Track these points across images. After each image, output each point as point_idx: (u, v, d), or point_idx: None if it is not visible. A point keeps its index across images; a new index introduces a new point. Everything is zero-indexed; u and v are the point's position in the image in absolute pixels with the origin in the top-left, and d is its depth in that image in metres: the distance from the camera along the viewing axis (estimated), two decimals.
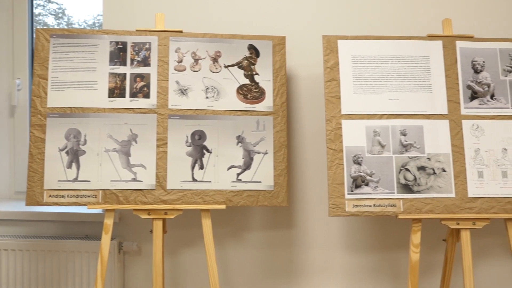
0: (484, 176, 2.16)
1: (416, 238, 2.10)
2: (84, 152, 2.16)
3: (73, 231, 2.56)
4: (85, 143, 2.17)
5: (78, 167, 2.15)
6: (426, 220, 2.21)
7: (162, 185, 2.16)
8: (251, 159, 2.22)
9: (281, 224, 2.52)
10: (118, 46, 2.24)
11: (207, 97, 2.25)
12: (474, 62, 2.26)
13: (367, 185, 2.12)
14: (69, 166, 2.15)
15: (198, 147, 2.21)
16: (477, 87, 2.24)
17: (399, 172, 2.14)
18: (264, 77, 2.29)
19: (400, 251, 2.53)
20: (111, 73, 2.23)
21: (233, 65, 2.29)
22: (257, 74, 2.29)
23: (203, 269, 2.52)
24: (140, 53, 2.25)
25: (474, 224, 2.12)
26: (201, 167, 2.19)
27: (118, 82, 2.22)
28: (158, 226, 2.14)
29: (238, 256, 2.52)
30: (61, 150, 2.16)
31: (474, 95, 2.23)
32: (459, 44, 2.27)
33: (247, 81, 2.28)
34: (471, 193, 2.14)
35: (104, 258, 2.09)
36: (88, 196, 2.14)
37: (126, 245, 2.51)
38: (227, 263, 2.52)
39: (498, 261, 2.55)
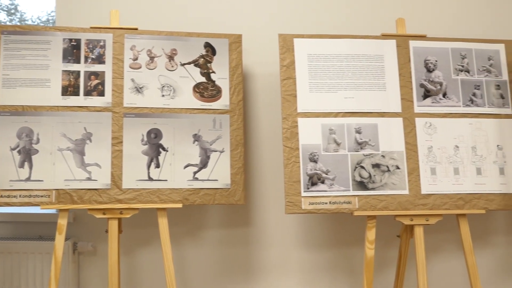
0: (437, 173, 2.24)
1: (371, 234, 2.16)
2: (36, 151, 2.16)
3: (26, 232, 2.54)
4: (37, 142, 2.16)
5: (30, 167, 2.15)
6: (380, 216, 2.28)
7: (117, 184, 2.17)
8: (208, 157, 2.25)
9: (238, 222, 2.56)
10: (72, 43, 2.25)
11: (163, 95, 2.27)
12: (427, 61, 2.34)
13: (323, 182, 2.17)
14: (21, 166, 2.14)
15: (154, 146, 2.23)
16: (429, 86, 2.32)
17: (354, 170, 2.20)
18: (221, 75, 2.32)
19: (355, 248, 2.59)
20: (64, 71, 2.23)
21: (189, 63, 2.31)
22: (213, 72, 2.32)
23: (160, 268, 2.54)
24: (94, 51, 2.25)
25: (427, 220, 2.19)
26: (157, 166, 2.21)
27: (71, 80, 2.22)
28: (113, 225, 2.15)
29: (195, 255, 2.55)
30: (12, 149, 2.15)
31: (427, 94, 2.31)
32: (412, 44, 2.35)
33: (203, 79, 2.31)
34: (424, 190, 2.22)
35: (58, 259, 2.09)
36: (41, 196, 2.14)
37: (81, 246, 2.51)
38: (184, 262, 2.55)
39: (450, 256, 2.64)
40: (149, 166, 2.21)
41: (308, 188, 2.16)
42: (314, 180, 2.17)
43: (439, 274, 2.63)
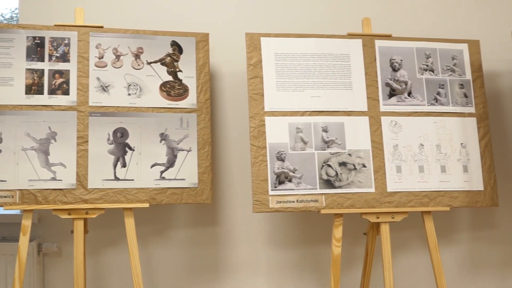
0: (402, 171, 2.29)
1: (337, 232, 2.20)
2: None
3: None
4: (0, 141, 2.15)
5: None
6: (347, 214, 2.32)
7: (83, 184, 2.17)
8: (175, 156, 2.27)
9: (205, 221, 2.58)
10: (36, 41, 2.24)
11: (129, 94, 2.27)
12: (392, 61, 2.39)
13: (290, 181, 2.20)
14: None
15: (120, 145, 2.23)
16: (395, 85, 2.37)
17: (321, 168, 2.24)
18: (188, 74, 2.34)
19: (322, 245, 2.63)
20: (28, 69, 2.22)
21: (155, 62, 2.32)
22: (180, 71, 2.33)
23: (127, 269, 2.54)
24: (59, 49, 2.25)
25: (393, 218, 2.24)
26: (124, 165, 2.22)
27: (35, 78, 2.21)
28: (79, 226, 2.15)
29: (162, 254, 2.56)
30: None
31: (392, 93, 2.36)
32: (378, 43, 2.40)
33: (170, 78, 2.32)
34: (390, 188, 2.27)
35: (22, 261, 2.08)
36: (5, 197, 2.12)
37: (46, 246, 2.50)
38: (151, 262, 2.55)
39: (416, 253, 2.70)
40: (115, 166, 2.21)
41: (275, 187, 2.18)
42: (282, 178, 2.20)
43: (405, 271, 2.69)
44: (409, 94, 2.38)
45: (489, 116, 2.62)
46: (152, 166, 2.24)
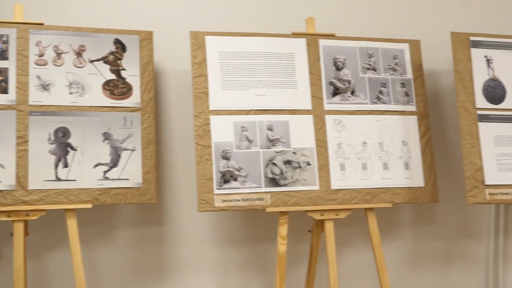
0: (346, 168, 2.34)
1: (283, 230, 2.23)
2: None
3: None
4: None
5: None
6: (292, 212, 2.35)
7: (23, 185, 2.13)
8: (119, 156, 2.25)
9: (151, 221, 2.57)
10: None
11: (71, 93, 2.24)
12: (336, 60, 2.44)
13: (235, 180, 2.22)
14: None
15: (62, 145, 2.20)
16: (338, 84, 2.42)
17: (266, 167, 2.26)
18: (131, 72, 2.32)
19: (268, 243, 2.66)
20: None
21: (98, 60, 2.30)
22: (123, 69, 2.32)
23: (69, 271, 2.50)
24: None
25: (337, 215, 2.29)
26: (66, 166, 2.19)
27: None
28: (19, 228, 2.10)
29: (107, 255, 2.53)
30: None
31: (336, 91, 2.41)
32: (322, 42, 2.44)
33: (113, 77, 2.30)
34: (334, 185, 2.31)
35: None
36: None
37: None
38: (95, 263, 2.53)
39: (359, 249, 2.76)
40: (56, 166, 2.18)
41: (220, 186, 2.20)
42: (227, 177, 2.21)
43: (349, 267, 2.75)
44: (352, 92, 2.43)
45: (429, 114, 2.70)
46: (95, 166, 2.22)
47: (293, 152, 2.30)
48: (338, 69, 2.43)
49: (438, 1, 2.86)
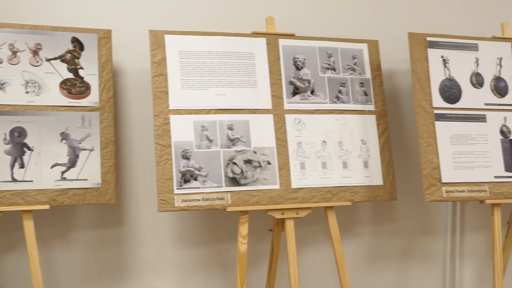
0: (306, 167, 2.36)
1: (243, 229, 2.24)
2: None
3: None
4: None
5: None
6: (253, 211, 2.36)
7: None
8: (77, 156, 2.22)
9: (110, 222, 2.54)
10: None
11: (27, 92, 2.20)
12: (296, 59, 2.46)
13: (195, 179, 2.22)
14: None
15: (18, 145, 2.16)
16: (298, 83, 2.43)
17: (227, 166, 2.26)
18: (89, 71, 2.30)
19: (229, 243, 2.67)
20: None
21: (55, 59, 2.27)
22: (81, 68, 2.29)
23: (26, 274, 2.46)
24: None
25: (297, 214, 2.31)
26: (22, 166, 2.15)
27: None
28: None
29: (65, 257, 2.50)
30: None
31: (296, 91, 2.43)
32: (282, 42, 2.46)
33: (71, 76, 2.27)
34: (294, 184, 2.33)
35: None
36: None
37: None
38: (53, 265, 2.49)
39: (319, 247, 2.79)
40: (12, 167, 2.14)
41: (181, 186, 2.19)
42: (187, 177, 2.21)
43: (310, 265, 2.77)
44: (312, 92, 2.45)
45: (387, 113, 2.74)
46: (53, 166, 2.19)
47: (254, 152, 2.31)
48: (298, 68, 2.45)
49: (396, 2, 2.91)
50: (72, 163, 2.22)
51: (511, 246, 2.76)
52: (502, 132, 2.56)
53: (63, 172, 2.20)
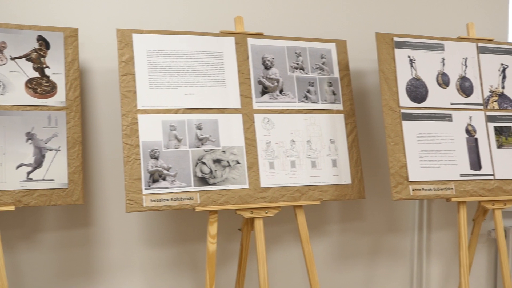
0: (275, 166, 2.37)
1: (212, 229, 2.24)
2: None
3: None
4: None
5: None
6: (222, 211, 2.36)
7: None
8: (43, 156, 2.19)
9: (77, 223, 2.52)
10: None
11: None
12: (264, 59, 2.46)
13: (164, 179, 2.21)
14: None
15: None
16: (267, 83, 2.44)
17: (196, 166, 2.26)
18: (56, 70, 2.27)
19: (198, 243, 2.66)
20: None
21: (20, 57, 2.23)
22: (47, 67, 2.26)
23: None
24: None
25: (266, 213, 2.31)
26: None
27: None
28: None
29: (31, 259, 2.46)
30: None
31: (264, 90, 2.43)
32: (251, 41, 2.46)
33: (36, 75, 2.24)
34: (263, 183, 2.34)
35: None
36: None
37: None
38: (19, 268, 2.45)
39: (289, 246, 2.81)
40: None
41: (149, 186, 2.18)
42: (155, 177, 2.20)
43: (279, 264, 2.79)
44: (281, 91, 2.46)
45: (355, 112, 2.77)
46: (18, 167, 2.16)
47: (223, 151, 2.31)
48: (267, 68, 2.46)
49: (363, 2, 2.93)
50: (38, 164, 2.19)
51: (477, 243, 2.82)
52: (467, 131, 2.61)
53: (29, 173, 2.17)
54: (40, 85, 2.24)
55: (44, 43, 2.27)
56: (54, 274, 2.50)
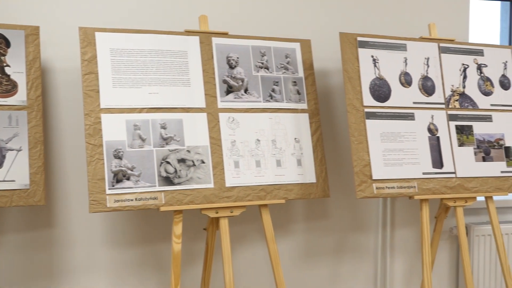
0: (240, 166, 2.37)
1: (177, 229, 2.23)
2: None
3: None
4: None
5: None
6: (187, 210, 2.35)
7: None
8: (3, 156, 2.16)
9: (39, 224, 2.48)
10: None
11: None
12: (229, 58, 2.46)
13: (128, 179, 2.19)
14: None
15: None
16: (232, 82, 2.44)
17: (160, 165, 2.25)
18: (16, 69, 2.23)
19: (163, 243, 2.65)
20: None
21: None
22: (8, 65, 2.22)
23: None
24: None
25: (231, 212, 2.32)
26: None
27: None
28: None
29: None
30: None
31: (229, 89, 2.43)
32: (215, 41, 2.46)
33: None
34: (229, 183, 2.34)
35: None
36: None
37: None
38: None
39: (254, 245, 2.82)
40: None
41: (113, 186, 2.16)
42: (119, 177, 2.18)
43: (245, 263, 2.79)
44: (246, 91, 2.46)
45: (320, 112, 2.79)
46: None
47: (187, 151, 2.30)
48: (232, 67, 2.46)
49: (327, 2, 2.95)
50: None
51: (439, 240, 2.87)
52: (429, 130, 2.65)
53: None
54: (0, 84, 2.20)
55: (4, 41, 2.23)
56: (16, 276, 2.46)
